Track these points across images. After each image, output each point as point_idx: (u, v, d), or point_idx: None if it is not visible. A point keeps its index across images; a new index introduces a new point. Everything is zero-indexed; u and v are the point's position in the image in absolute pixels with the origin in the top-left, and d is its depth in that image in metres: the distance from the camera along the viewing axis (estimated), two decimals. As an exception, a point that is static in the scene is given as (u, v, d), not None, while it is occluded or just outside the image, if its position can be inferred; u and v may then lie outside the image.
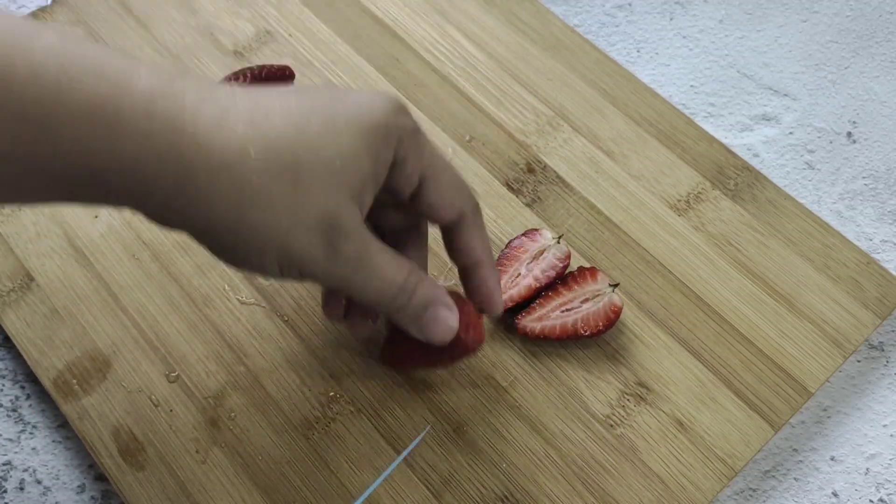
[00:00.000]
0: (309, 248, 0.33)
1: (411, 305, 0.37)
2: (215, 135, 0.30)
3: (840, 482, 0.45)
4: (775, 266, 0.48)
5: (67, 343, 0.46)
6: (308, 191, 0.32)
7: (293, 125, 0.32)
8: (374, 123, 0.33)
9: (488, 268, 0.40)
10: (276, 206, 0.31)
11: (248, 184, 0.31)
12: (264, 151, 0.31)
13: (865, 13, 0.62)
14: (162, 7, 0.58)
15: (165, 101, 0.30)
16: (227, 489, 0.42)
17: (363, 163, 0.33)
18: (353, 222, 0.33)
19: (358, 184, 0.33)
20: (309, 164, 0.32)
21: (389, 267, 0.35)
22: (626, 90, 0.54)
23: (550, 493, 0.42)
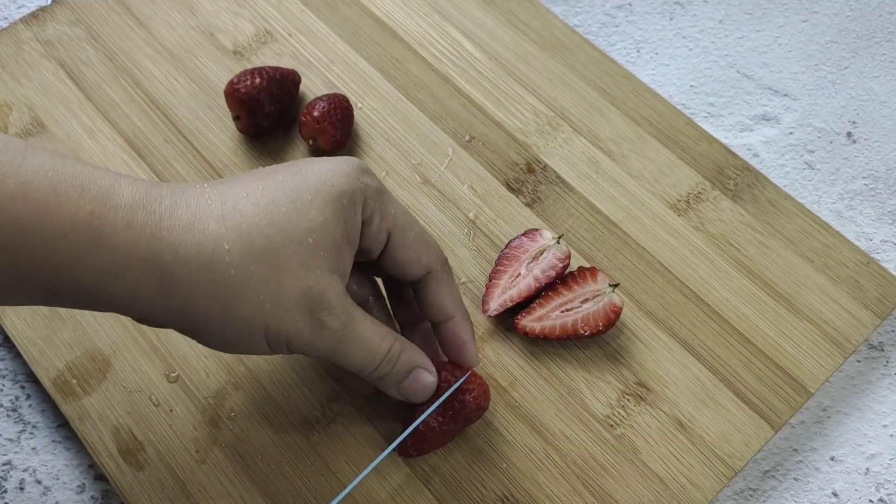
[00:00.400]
0: (294, 326, 0.34)
1: (394, 372, 0.38)
2: (190, 236, 0.32)
3: (840, 482, 0.45)
4: (775, 266, 0.48)
5: (67, 343, 0.46)
6: (286, 271, 0.33)
7: (262, 211, 0.33)
8: (340, 191, 0.35)
9: (460, 321, 0.40)
10: (258, 292, 0.33)
11: (227, 276, 0.32)
12: (238, 243, 0.32)
13: (865, 13, 0.62)
14: (162, 7, 0.58)
15: (144, 211, 0.31)
16: (226, 489, 0.42)
17: (335, 232, 0.34)
18: (336, 294, 0.35)
19: (334, 254, 0.34)
20: (283, 246, 0.33)
21: (374, 337, 0.36)
22: (626, 90, 0.54)
23: (550, 493, 0.42)
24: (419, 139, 0.52)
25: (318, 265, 0.34)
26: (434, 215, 0.50)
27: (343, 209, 0.35)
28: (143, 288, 0.32)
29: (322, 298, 0.34)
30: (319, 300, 0.34)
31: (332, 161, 0.36)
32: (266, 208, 0.33)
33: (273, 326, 0.34)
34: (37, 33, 0.57)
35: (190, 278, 0.32)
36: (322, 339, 0.35)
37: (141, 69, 0.55)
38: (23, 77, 0.55)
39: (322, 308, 0.34)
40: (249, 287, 0.33)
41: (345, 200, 0.35)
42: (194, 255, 0.32)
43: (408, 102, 0.54)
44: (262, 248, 0.33)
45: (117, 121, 0.53)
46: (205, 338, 0.34)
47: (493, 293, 0.46)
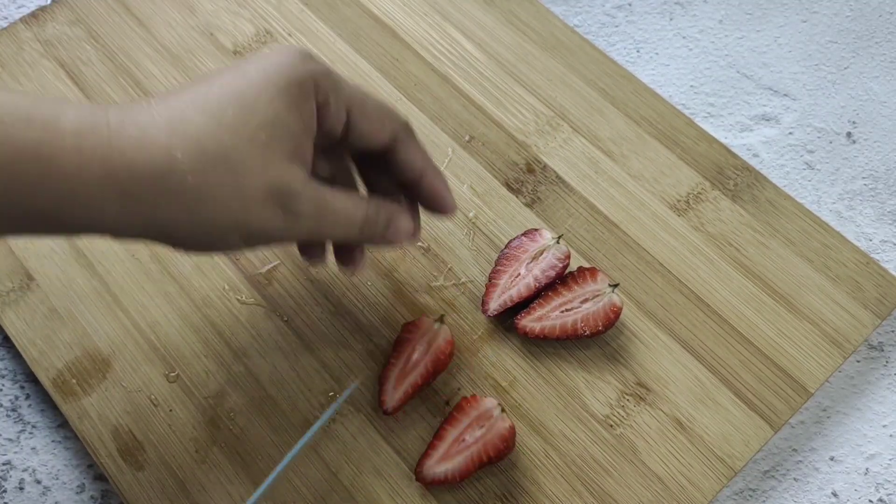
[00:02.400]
0: (268, 220, 0.34)
1: (378, 231, 0.39)
2: (141, 150, 0.32)
3: (839, 482, 0.45)
4: (775, 266, 0.48)
5: (67, 343, 0.46)
6: (244, 170, 0.33)
7: (209, 116, 0.33)
8: (287, 82, 0.35)
9: (433, 174, 0.41)
10: (221, 195, 0.33)
11: (185, 184, 0.32)
12: (190, 151, 0.33)
13: (865, 13, 0.62)
14: (162, 7, 0.58)
15: (92, 134, 0.32)
16: (226, 489, 0.42)
17: (289, 122, 0.35)
18: (300, 181, 0.35)
19: (291, 145, 0.35)
20: (235, 147, 0.33)
21: (347, 207, 0.37)
22: (626, 90, 0.54)
23: (550, 493, 0.42)
24: (416, 134, 0.52)
25: (277, 158, 0.34)
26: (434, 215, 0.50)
27: (294, 99, 0.35)
28: (104, 208, 0.32)
29: (288, 188, 0.34)
30: (286, 191, 0.34)
31: (273, 54, 0.36)
32: (213, 113, 0.33)
33: (245, 225, 0.34)
34: (37, 33, 0.57)
35: (149, 192, 0.32)
36: (299, 225, 0.35)
37: (141, 69, 0.55)
38: (23, 77, 0.55)
39: (291, 198, 0.34)
40: (209, 191, 0.33)
41: (294, 89, 0.35)
42: (149, 167, 0.32)
43: (408, 102, 0.54)
44: (215, 152, 0.33)
45: (117, 121, 0.53)
46: (180, 244, 0.35)
47: (493, 293, 0.46)
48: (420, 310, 0.47)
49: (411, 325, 0.44)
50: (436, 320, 0.44)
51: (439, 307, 0.47)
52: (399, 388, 0.43)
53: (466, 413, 0.41)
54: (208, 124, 0.33)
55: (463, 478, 0.41)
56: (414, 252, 0.49)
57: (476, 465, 0.41)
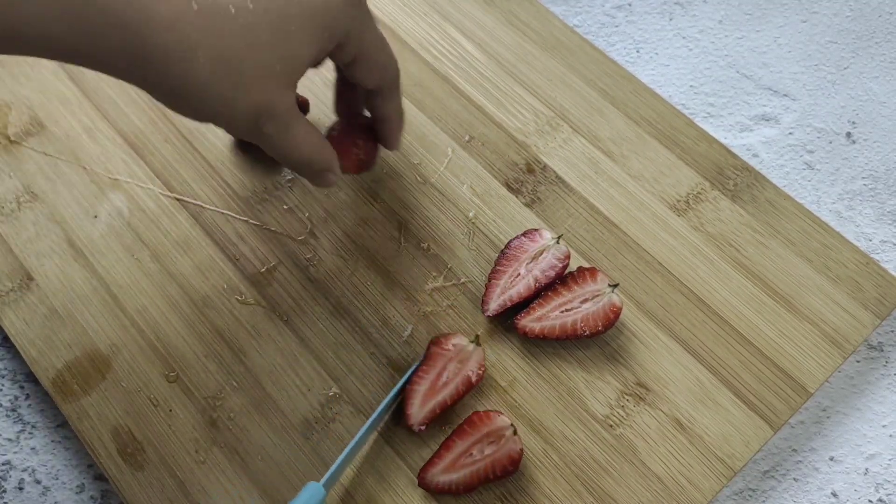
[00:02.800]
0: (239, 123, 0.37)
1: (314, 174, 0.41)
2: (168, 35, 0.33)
3: (839, 482, 0.45)
4: (775, 266, 0.48)
5: (67, 343, 0.46)
6: (246, 88, 0.35)
7: (243, 37, 0.35)
8: (324, 25, 0.37)
9: (395, 122, 0.45)
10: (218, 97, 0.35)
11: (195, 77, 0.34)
12: (211, 56, 0.34)
13: (865, 13, 0.62)
14: (161, 7, 0.58)
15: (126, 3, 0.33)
16: (226, 489, 0.42)
17: (305, 59, 0.37)
18: (283, 106, 0.37)
19: (295, 75, 0.37)
20: (251, 66, 0.35)
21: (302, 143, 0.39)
22: (626, 90, 0.54)
23: (549, 493, 0.42)
24: (419, 139, 0.52)
25: (277, 84, 0.36)
26: (434, 215, 0.50)
27: (321, 40, 0.37)
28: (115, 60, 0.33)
29: (269, 110, 0.37)
30: (266, 111, 0.36)
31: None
32: (247, 36, 0.35)
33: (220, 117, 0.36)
34: (36, 33, 0.57)
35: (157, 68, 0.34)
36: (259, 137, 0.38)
37: (140, 69, 0.55)
38: (22, 77, 0.55)
39: (266, 118, 0.37)
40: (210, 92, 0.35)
41: (326, 34, 0.37)
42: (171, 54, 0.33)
43: (407, 102, 0.54)
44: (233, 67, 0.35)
45: (117, 120, 0.53)
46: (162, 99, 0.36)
47: (493, 293, 0.46)
48: (420, 310, 0.47)
49: (444, 339, 0.43)
50: (471, 340, 0.43)
51: (439, 307, 0.47)
52: (426, 406, 0.42)
53: (478, 428, 0.41)
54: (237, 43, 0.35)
55: (466, 491, 0.41)
56: (414, 252, 0.49)
57: (480, 481, 0.41)
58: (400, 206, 0.50)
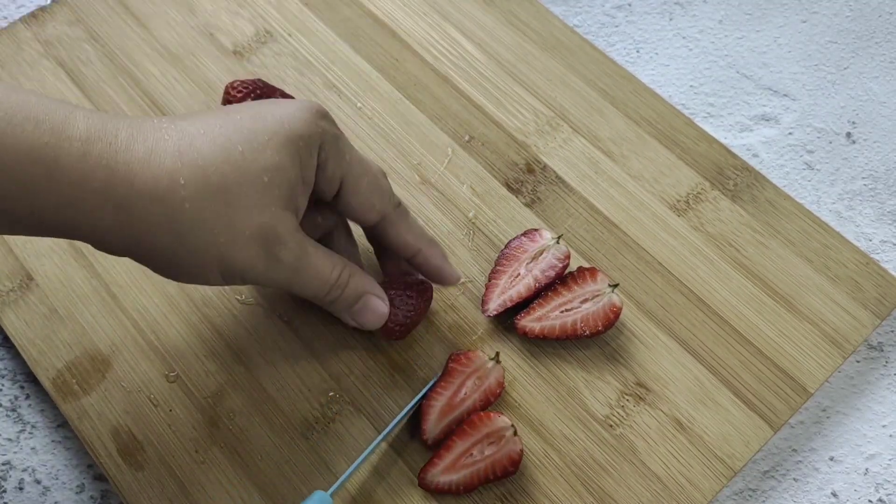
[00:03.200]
0: (249, 259, 0.35)
1: (343, 298, 0.40)
2: (146, 170, 0.33)
3: (839, 482, 0.45)
4: (775, 266, 0.48)
5: (67, 343, 0.46)
6: (240, 208, 0.34)
7: (219, 149, 0.34)
8: (296, 134, 0.36)
9: (428, 249, 0.42)
10: (212, 227, 0.34)
11: (181, 210, 0.33)
12: (193, 179, 0.33)
13: (865, 13, 0.62)
14: (161, 7, 0.58)
15: (100, 143, 0.32)
16: (226, 489, 0.42)
17: (290, 172, 0.36)
18: (289, 229, 0.36)
19: (287, 192, 0.36)
20: (237, 184, 0.34)
21: (324, 266, 0.38)
22: (626, 90, 0.54)
23: (549, 493, 0.42)
24: (419, 139, 0.52)
25: (272, 203, 0.35)
26: (433, 215, 0.50)
27: (299, 150, 0.36)
28: (99, 218, 0.32)
29: (275, 234, 0.35)
30: (273, 235, 0.35)
31: (291, 104, 0.37)
32: (223, 146, 0.34)
33: (228, 260, 0.35)
34: (36, 33, 0.57)
35: (145, 210, 0.33)
36: (277, 272, 0.37)
37: (140, 69, 0.55)
38: (22, 77, 0.55)
39: (276, 243, 0.36)
40: (204, 221, 0.34)
41: (301, 143, 0.36)
42: (150, 188, 0.33)
43: (407, 102, 0.54)
44: (217, 185, 0.34)
45: (117, 121, 0.53)
46: (160, 268, 0.36)
47: (493, 293, 0.46)
48: (420, 310, 0.47)
49: (464, 356, 0.43)
50: (491, 358, 0.43)
51: (439, 307, 0.47)
52: (443, 421, 0.42)
53: (478, 429, 0.41)
54: (216, 157, 0.34)
55: (466, 491, 0.41)
56: (414, 252, 0.49)
57: (480, 481, 0.41)
58: (400, 206, 0.50)
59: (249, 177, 0.34)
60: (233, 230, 0.34)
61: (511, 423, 0.41)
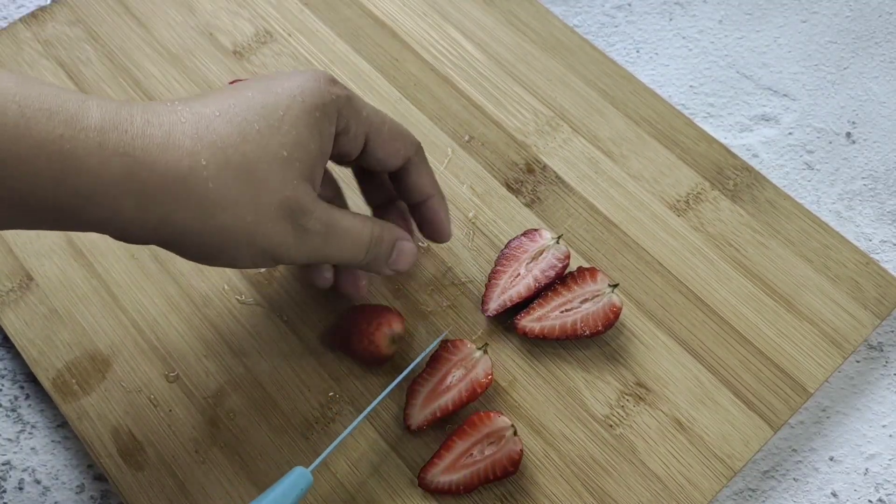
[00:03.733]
0: (278, 235, 0.35)
1: (381, 253, 0.40)
2: (166, 153, 0.32)
3: (839, 482, 0.45)
4: (774, 266, 0.48)
5: (67, 343, 0.46)
6: (263, 184, 0.34)
7: (236, 129, 0.34)
8: (311, 105, 0.36)
9: (438, 199, 0.43)
10: (238, 205, 0.34)
11: (206, 189, 0.33)
12: (214, 159, 0.33)
13: (865, 13, 0.62)
14: (161, 7, 0.58)
15: (115, 131, 0.32)
16: (226, 489, 0.42)
17: (309, 145, 0.36)
18: (311, 199, 0.36)
19: (307, 165, 0.36)
20: (258, 161, 0.34)
21: (355, 226, 0.38)
22: (626, 90, 0.54)
23: (549, 493, 0.42)
24: (419, 139, 0.52)
25: (294, 176, 0.35)
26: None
27: (316, 122, 0.36)
28: (120, 206, 0.32)
29: (300, 205, 0.35)
30: (298, 207, 0.35)
31: (300, 75, 0.37)
32: (239, 126, 0.34)
33: (257, 238, 0.35)
34: (36, 33, 0.57)
35: (168, 193, 0.32)
36: (307, 243, 0.36)
37: (140, 69, 0.55)
38: (22, 77, 0.55)
39: (302, 214, 0.36)
40: (229, 200, 0.34)
41: (317, 113, 0.36)
42: (171, 170, 0.32)
43: (407, 102, 0.54)
44: (239, 164, 0.34)
45: (117, 121, 0.53)
46: (187, 251, 0.35)
47: (493, 293, 0.46)
48: (420, 310, 0.47)
49: (451, 344, 0.43)
50: (478, 348, 0.43)
51: (439, 307, 0.47)
52: (427, 408, 0.42)
53: (478, 428, 0.41)
54: (234, 136, 0.34)
55: (466, 491, 0.41)
56: (414, 252, 0.49)
57: (480, 481, 0.41)
58: (400, 206, 0.50)
59: (269, 153, 0.34)
60: (259, 207, 0.34)
61: (511, 423, 0.41)
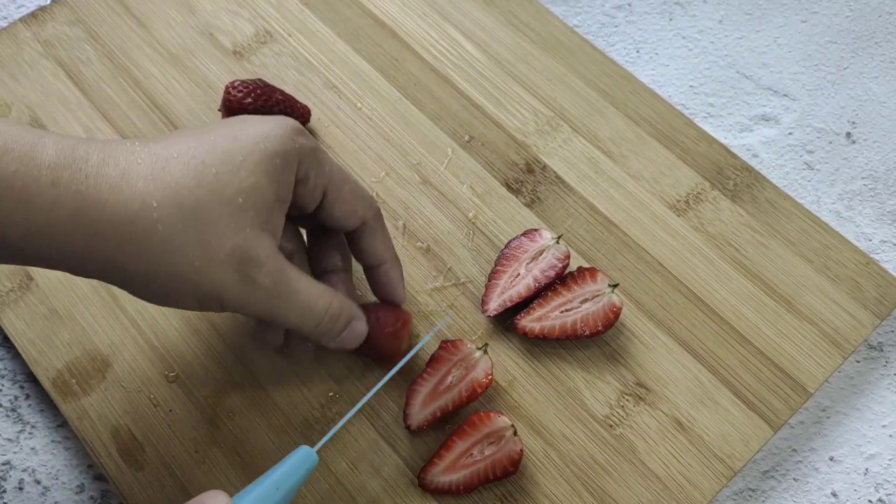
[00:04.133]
0: (223, 283, 0.34)
1: (336, 328, 0.39)
2: (117, 194, 0.32)
3: (839, 482, 0.45)
4: (774, 266, 0.48)
5: (67, 343, 0.46)
6: (214, 231, 0.34)
7: (192, 172, 0.34)
8: (273, 152, 0.35)
9: (391, 265, 0.43)
10: (186, 250, 0.33)
11: (154, 232, 0.33)
12: (166, 201, 0.33)
13: (865, 14, 0.62)
14: (161, 7, 0.58)
15: (69, 169, 0.32)
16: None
17: (266, 192, 0.35)
18: (266, 251, 0.35)
19: (264, 214, 0.35)
20: (210, 206, 0.34)
21: (310, 293, 0.37)
22: (626, 90, 0.54)
23: (549, 493, 0.42)
24: (418, 139, 0.53)
25: (248, 224, 0.35)
26: (433, 215, 0.50)
27: (276, 169, 0.35)
28: (70, 244, 0.32)
29: (251, 256, 0.35)
30: (247, 258, 0.35)
31: (267, 121, 0.37)
32: (196, 169, 0.34)
33: (203, 284, 0.34)
34: (36, 33, 0.57)
35: (117, 234, 0.32)
36: (254, 297, 0.36)
37: (140, 69, 0.55)
38: (22, 77, 0.55)
39: (252, 265, 0.35)
40: (177, 244, 0.33)
41: (278, 160, 0.36)
42: (121, 212, 0.32)
43: (407, 102, 0.54)
44: (191, 208, 0.33)
45: (116, 120, 0.53)
46: (136, 290, 0.35)
47: (493, 293, 0.46)
48: (420, 310, 0.47)
49: (451, 344, 0.43)
50: (478, 348, 0.43)
51: (439, 307, 0.47)
52: (427, 408, 0.42)
53: (478, 429, 0.41)
54: (189, 179, 0.34)
55: (466, 491, 0.41)
56: (414, 252, 0.49)
57: (480, 481, 0.41)
58: (400, 206, 0.50)
59: (223, 199, 0.34)
60: (207, 253, 0.34)
61: (511, 423, 0.41)
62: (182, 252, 0.33)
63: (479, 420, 0.41)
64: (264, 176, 0.35)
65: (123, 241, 0.32)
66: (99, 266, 0.33)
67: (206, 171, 0.34)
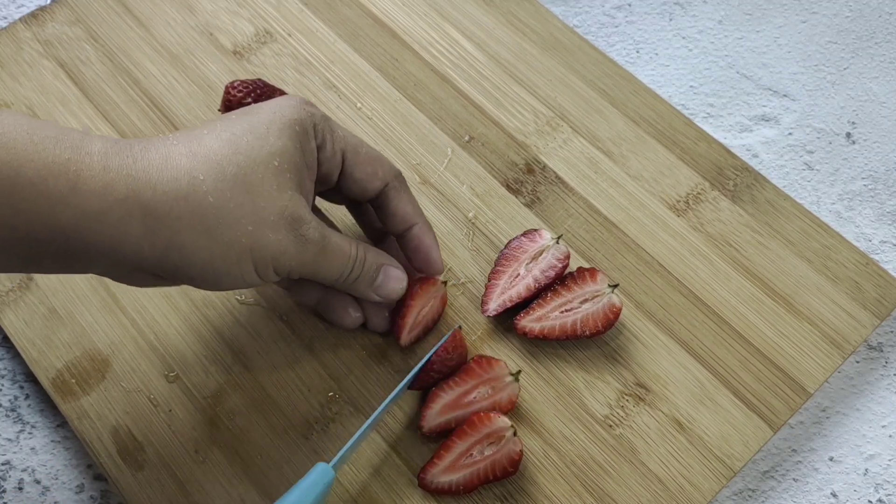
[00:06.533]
0: (280, 243, 0.36)
1: (364, 273, 0.41)
2: (165, 173, 0.34)
3: (839, 483, 0.45)
4: (774, 267, 0.48)
5: (66, 343, 0.46)
6: (261, 194, 0.36)
7: (227, 143, 0.36)
8: (291, 119, 0.38)
9: (422, 227, 0.43)
10: (239, 215, 0.35)
11: (206, 204, 0.35)
12: (211, 173, 0.35)
13: (865, 14, 0.62)
14: (161, 7, 0.58)
15: (117, 156, 0.34)
16: (225, 489, 0.42)
17: (295, 155, 0.37)
18: (307, 211, 0.38)
19: (298, 176, 0.37)
20: (253, 171, 0.36)
21: (342, 243, 0.40)
22: (626, 91, 0.54)
23: (549, 494, 0.42)
24: (418, 139, 0.53)
25: (288, 186, 0.37)
26: (433, 215, 0.50)
27: (297, 135, 0.38)
28: (127, 228, 0.33)
29: (298, 215, 0.37)
30: (296, 216, 0.37)
31: (277, 99, 0.39)
32: (229, 140, 0.36)
33: (259, 248, 0.36)
34: (36, 33, 0.57)
35: (172, 211, 0.34)
36: (306, 252, 0.38)
37: (140, 69, 0.55)
38: (22, 77, 0.55)
39: (300, 223, 0.37)
40: (229, 211, 0.35)
41: (297, 127, 0.38)
42: (172, 189, 0.34)
43: (407, 102, 0.54)
44: (234, 174, 0.35)
45: (116, 120, 0.53)
46: (195, 272, 0.36)
47: (493, 293, 0.46)
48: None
49: (486, 361, 0.42)
50: (512, 374, 0.43)
51: (439, 307, 0.47)
52: (444, 416, 0.42)
53: (477, 429, 0.41)
54: (225, 149, 0.36)
55: (466, 491, 0.41)
56: (413, 252, 0.49)
57: (480, 482, 0.41)
58: (400, 207, 0.50)
59: (261, 162, 0.36)
60: (258, 216, 0.36)
61: (511, 424, 0.41)
62: (235, 218, 0.35)
63: (478, 420, 0.41)
64: (290, 140, 0.37)
65: (179, 218, 0.34)
66: (158, 249, 0.34)
67: (238, 141, 0.36)
